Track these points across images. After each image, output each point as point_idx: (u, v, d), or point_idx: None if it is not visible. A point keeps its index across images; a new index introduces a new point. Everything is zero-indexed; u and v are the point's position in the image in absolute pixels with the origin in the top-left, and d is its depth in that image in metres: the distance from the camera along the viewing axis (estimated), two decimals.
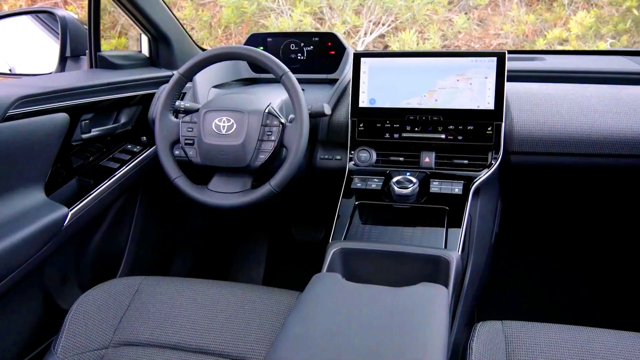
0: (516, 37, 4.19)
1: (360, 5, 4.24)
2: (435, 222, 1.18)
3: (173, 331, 1.07)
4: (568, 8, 3.99)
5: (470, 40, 4.47)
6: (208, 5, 4.49)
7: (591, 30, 3.74)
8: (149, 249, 1.70)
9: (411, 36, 3.97)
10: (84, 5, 4.21)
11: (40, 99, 1.20)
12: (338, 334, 0.77)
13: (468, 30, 4.32)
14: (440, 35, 4.21)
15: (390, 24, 4.25)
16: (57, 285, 1.40)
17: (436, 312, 0.83)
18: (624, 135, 1.22)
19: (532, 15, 4.04)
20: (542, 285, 1.87)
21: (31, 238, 1.18)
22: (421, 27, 4.25)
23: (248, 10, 4.08)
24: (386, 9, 4.20)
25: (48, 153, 1.26)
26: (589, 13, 3.72)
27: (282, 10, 4.27)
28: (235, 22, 4.21)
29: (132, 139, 1.54)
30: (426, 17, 4.21)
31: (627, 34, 3.71)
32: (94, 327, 1.08)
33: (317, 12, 4.27)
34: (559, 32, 3.83)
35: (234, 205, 1.23)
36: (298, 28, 4.07)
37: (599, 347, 0.94)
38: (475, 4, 4.26)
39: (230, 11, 4.05)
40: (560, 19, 3.98)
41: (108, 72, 1.47)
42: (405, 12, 4.13)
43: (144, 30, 1.59)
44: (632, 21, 3.65)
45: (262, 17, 4.31)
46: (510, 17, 4.19)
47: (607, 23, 3.75)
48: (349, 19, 4.09)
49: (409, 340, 0.75)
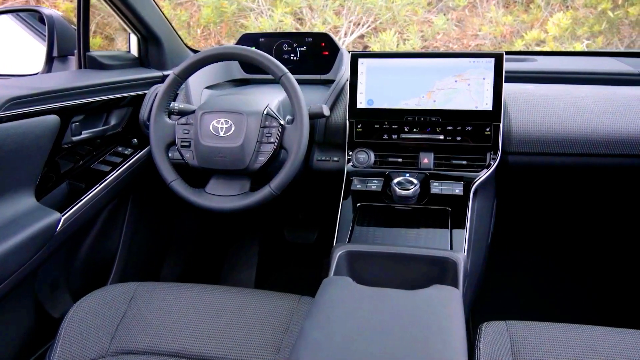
0: (494, 38, 4.24)
1: (340, 6, 4.24)
2: (438, 223, 1.18)
3: (173, 338, 1.04)
4: (545, 10, 4.06)
5: (448, 41, 4.51)
6: (185, 4, 4.43)
7: (567, 31, 3.81)
8: (141, 253, 1.66)
9: (391, 37, 3.98)
10: (57, 3, 4.13)
11: (31, 101, 1.16)
12: (358, 339, 0.76)
13: (447, 31, 4.36)
14: (419, 36, 4.24)
15: (371, 25, 4.26)
16: (47, 293, 1.35)
17: (453, 314, 0.83)
18: (620, 135, 1.24)
19: (510, 17, 4.09)
20: (537, 284, 1.89)
21: (23, 245, 1.14)
22: (401, 28, 4.27)
23: (228, 10, 4.04)
24: (366, 10, 4.20)
25: (39, 156, 1.22)
26: (565, 15, 3.78)
27: (261, 10, 4.24)
28: (214, 22, 4.16)
29: (123, 141, 1.50)
30: (406, 18, 4.23)
31: (602, 36, 3.80)
32: (90, 336, 1.05)
33: (297, 12, 4.25)
34: (537, 33, 3.89)
35: (234, 209, 1.21)
36: (278, 28, 4.05)
37: (603, 345, 0.96)
38: (454, 5, 4.31)
39: (210, 11, 4.01)
40: (538, 20, 4.04)
41: (98, 73, 1.43)
42: (385, 13, 4.14)
43: (133, 30, 1.55)
44: (607, 23, 3.73)
45: (242, 17, 4.28)
46: (489, 18, 4.24)
47: (582, 24, 3.83)
48: (330, 19, 4.08)
49: (430, 344, 0.75)
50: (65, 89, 1.24)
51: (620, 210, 1.75)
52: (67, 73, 1.49)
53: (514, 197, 1.66)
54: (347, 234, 1.18)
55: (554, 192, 1.69)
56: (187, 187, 1.25)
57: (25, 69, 1.60)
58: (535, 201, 1.77)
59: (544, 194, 1.71)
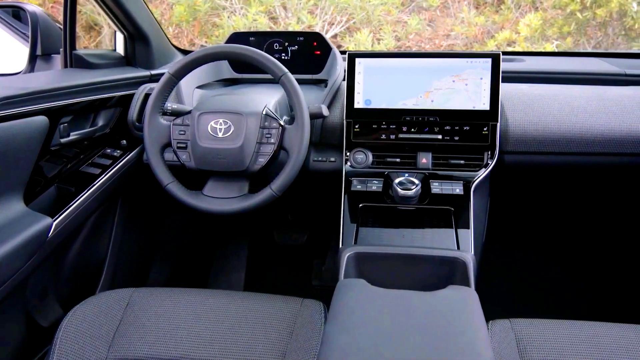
0: (466, 38, 4.31)
1: (314, 5, 4.23)
2: (442, 223, 1.18)
3: (174, 344, 1.02)
4: (515, 11, 4.15)
5: (420, 40, 4.55)
6: (154, 2, 4.35)
7: (537, 32, 3.90)
8: (130, 258, 1.61)
9: (367, 37, 4.00)
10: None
11: (19, 101, 1.11)
12: (386, 343, 0.75)
13: (419, 31, 4.40)
14: (393, 36, 4.26)
15: (344, 24, 4.26)
16: (35, 302, 1.30)
17: (474, 315, 0.83)
18: (613, 134, 1.27)
19: (482, 17, 4.16)
20: (532, 281, 1.92)
21: (14, 252, 1.09)
22: (375, 28, 4.29)
23: (201, 8, 3.98)
24: (341, 9, 4.21)
25: (28, 159, 1.16)
26: (535, 15, 3.87)
27: (234, 9, 4.19)
28: (187, 20, 4.09)
29: (111, 142, 1.45)
30: (380, 18, 4.25)
31: (571, 36, 3.90)
32: (87, 345, 1.02)
33: (271, 12, 4.22)
34: (508, 34, 3.97)
35: (234, 211, 1.18)
36: (252, 27, 4.01)
37: (605, 340, 0.98)
38: (427, 5, 4.35)
39: (183, 9, 3.94)
40: (509, 21, 4.12)
41: (85, 72, 1.38)
42: (360, 13, 4.15)
43: (120, 28, 1.50)
44: (576, 24, 3.83)
45: (215, 16, 4.22)
46: (461, 18, 4.30)
47: (552, 25, 3.92)
48: (305, 19, 4.07)
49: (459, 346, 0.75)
50: (55, 88, 1.19)
51: (614, 207, 1.79)
52: (54, 72, 1.43)
53: (507, 196, 1.68)
54: (352, 236, 1.17)
55: (547, 191, 1.72)
56: (184, 190, 1.21)
57: (4, 68, 1.53)
58: (529, 199, 1.80)
59: (538, 193, 1.74)
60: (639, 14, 3.55)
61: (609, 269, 1.88)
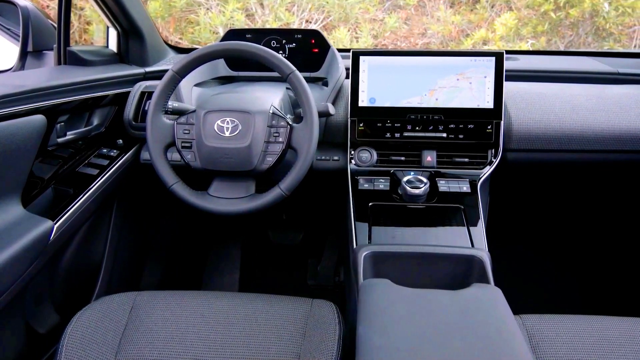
0: (442, 36, 4.35)
1: (291, 3, 4.20)
2: (453, 221, 1.18)
3: (183, 349, 0.99)
4: (490, 10, 4.21)
5: (396, 39, 4.58)
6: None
7: (512, 31, 3.97)
8: (126, 261, 1.57)
9: (346, 35, 3.99)
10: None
11: (16, 100, 1.06)
12: (422, 343, 0.75)
13: (395, 30, 4.42)
14: (371, 34, 4.27)
15: (322, 22, 4.25)
16: (31, 308, 1.25)
17: (504, 313, 0.84)
18: (613, 132, 1.30)
19: (458, 16, 4.21)
20: (534, 277, 1.94)
21: (16, 257, 1.04)
22: (352, 26, 4.29)
23: (177, 4, 3.91)
24: (318, 7, 4.19)
25: (25, 160, 1.12)
26: (511, 15, 3.94)
27: (211, 6, 4.13)
28: (162, 16, 4.01)
29: (107, 142, 1.41)
30: (357, 16, 4.26)
31: (545, 35, 3.98)
32: (93, 352, 0.99)
33: (248, 9, 4.17)
34: (484, 33, 4.03)
35: (243, 211, 1.16)
36: (230, 24, 3.96)
37: (614, 334, 1.00)
38: (404, 3, 4.38)
39: (158, 5, 3.85)
40: (484, 20, 4.18)
41: (80, 69, 1.33)
42: (337, 10, 4.15)
43: (114, 24, 1.45)
44: (550, 24, 3.91)
45: (191, 12, 4.15)
46: (437, 17, 4.35)
47: (526, 25, 4.00)
48: (282, 16, 4.04)
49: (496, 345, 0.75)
50: (54, 86, 1.15)
51: (614, 203, 1.82)
52: (48, 69, 1.37)
53: (508, 193, 1.70)
54: (365, 235, 1.16)
55: (548, 188, 1.75)
56: (190, 191, 1.18)
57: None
58: (529, 196, 1.83)
59: (539, 190, 1.77)
60: (610, 14, 3.65)
61: (609, 265, 1.92)
